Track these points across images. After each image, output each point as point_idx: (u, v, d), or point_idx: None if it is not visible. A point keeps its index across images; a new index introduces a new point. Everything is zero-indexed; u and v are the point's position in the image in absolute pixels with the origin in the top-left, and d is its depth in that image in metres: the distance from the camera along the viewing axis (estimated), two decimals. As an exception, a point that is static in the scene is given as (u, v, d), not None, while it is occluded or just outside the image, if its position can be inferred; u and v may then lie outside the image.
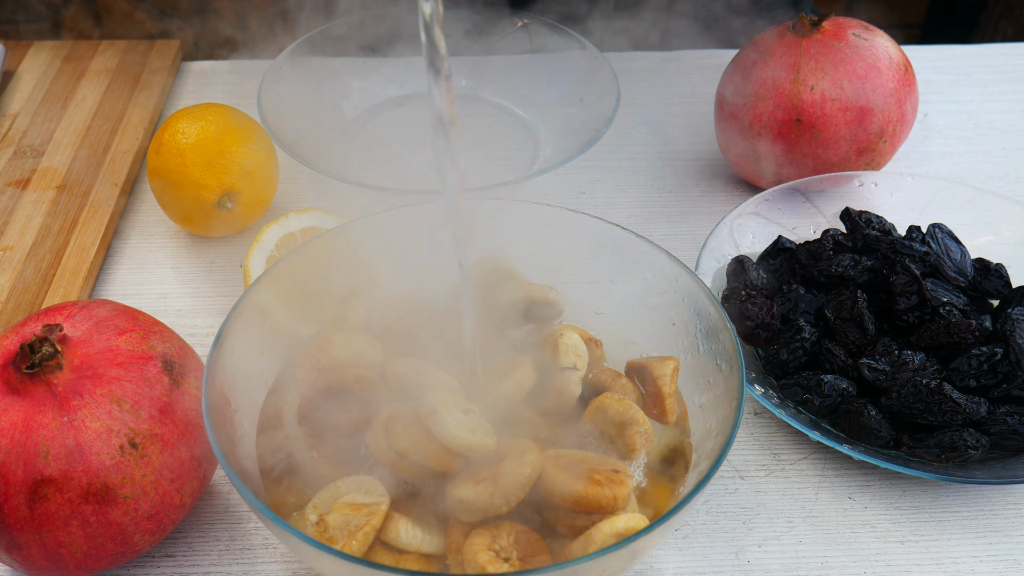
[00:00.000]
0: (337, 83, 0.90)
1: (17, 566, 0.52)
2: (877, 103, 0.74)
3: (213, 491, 0.60)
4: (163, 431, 0.52)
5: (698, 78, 0.97)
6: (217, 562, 0.57)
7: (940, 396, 0.59)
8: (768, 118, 0.76)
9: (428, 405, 0.50)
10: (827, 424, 0.62)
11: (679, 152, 0.88)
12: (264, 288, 0.56)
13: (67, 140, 0.85)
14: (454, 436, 0.49)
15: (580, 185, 0.85)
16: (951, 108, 0.94)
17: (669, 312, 0.58)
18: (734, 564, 0.57)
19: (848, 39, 0.75)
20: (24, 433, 0.49)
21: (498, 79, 0.93)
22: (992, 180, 0.86)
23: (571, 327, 0.58)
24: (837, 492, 0.61)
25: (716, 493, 0.61)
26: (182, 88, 0.95)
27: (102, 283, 0.74)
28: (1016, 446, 0.60)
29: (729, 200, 0.83)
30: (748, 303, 0.65)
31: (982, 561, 0.58)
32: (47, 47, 0.96)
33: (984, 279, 0.68)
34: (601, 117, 0.82)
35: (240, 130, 0.73)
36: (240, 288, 0.73)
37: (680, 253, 0.63)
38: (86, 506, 0.50)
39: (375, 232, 0.60)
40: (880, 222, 0.71)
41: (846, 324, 0.64)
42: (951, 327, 0.62)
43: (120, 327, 0.54)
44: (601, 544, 0.46)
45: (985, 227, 0.73)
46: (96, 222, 0.76)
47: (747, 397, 0.65)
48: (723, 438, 0.49)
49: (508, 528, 0.49)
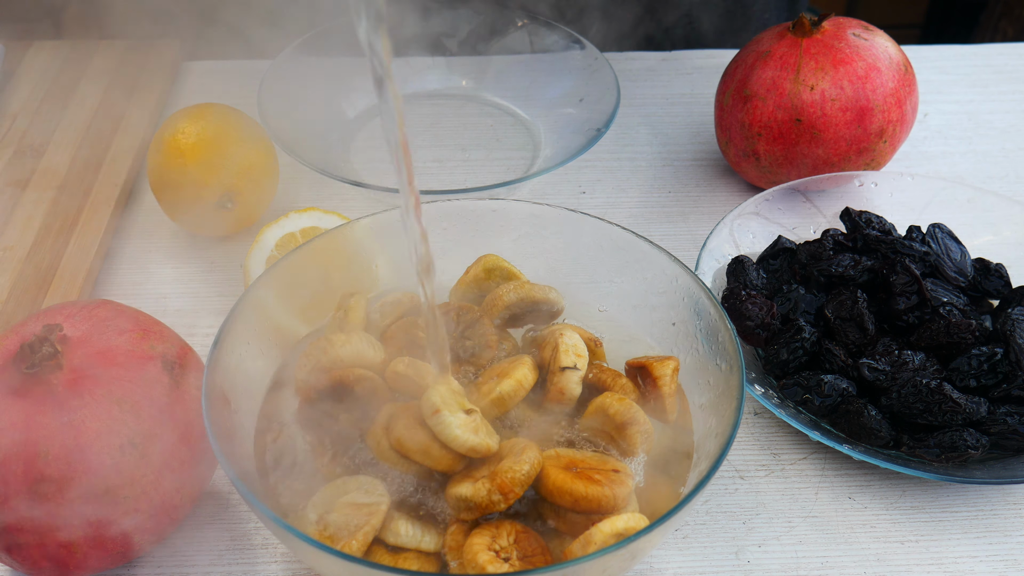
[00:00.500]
0: (337, 83, 0.90)
1: (17, 566, 0.52)
2: (877, 103, 0.74)
3: (213, 491, 0.60)
4: (163, 431, 0.52)
5: (698, 78, 0.97)
6: (217, 562, 0.57)
7: (940, 396, 0.59)
8: (768, 118, 0.76)
9: (430, 405, 0.50)
10: (827, 424, 0.62)
11: (679, 152, 0.88)
12: (264, 288, 0.56)
13: (67, 140, 0.85)
14: (456, 437, 0.49)
15: (580, 185, 0.85)
16: (951, 108, 0.94)
17: (669, 312, 0.58)
18: (734, 564, 0.57)
19: (848, 39, 0.75)
20: (24, 433, 0.49)
21: (498, 79, 0.93)
22: (992, 180, 0.86)
23: (571, 326, 0.58)
24: (837, 492, 0.61)
25: (716, 493, 0.61)
26: (182, 88, 0.95)
27: (102, 283, 0.74)
28: (1016, 446, 0.60)
29: (729, 200, 0.83)
30: (748, 303, 0.65)
31: (982, 561, 0.58)
32: (47, 47, 0.96)
33: (984, 279, 0.68)
34: (601, 117, 0.82)
35: (240, 130, 0.73)
36: (240, 288, 0.73)
37: (680, 253, 0.63)
38: (86, 506, 0.50)
39: (375, 232, 0.60)
40: (880, 222, 0.71)
41: (846, 324, 0.64)
42: (951, 327, 0.62)
43: (120, 327, 0.54)
44: (601, 544, 0.46)
45: (985, 227, 0.73)
46: (96, 222, 0.76)
47: (747, 397, 0.65)
48: (723, 438, 0.49)
49: (508, 528, 0.49)
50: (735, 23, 1.03)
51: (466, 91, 0.93)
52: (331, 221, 0.70)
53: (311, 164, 0.75)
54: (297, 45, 0.87)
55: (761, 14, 1.04)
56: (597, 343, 0.59)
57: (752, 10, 1.03)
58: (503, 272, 0.61)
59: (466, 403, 0.51)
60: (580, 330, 0.58)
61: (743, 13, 1.02)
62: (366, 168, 0.85)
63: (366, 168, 0.85)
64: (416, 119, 0.90)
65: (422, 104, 0.92)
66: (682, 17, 1.01)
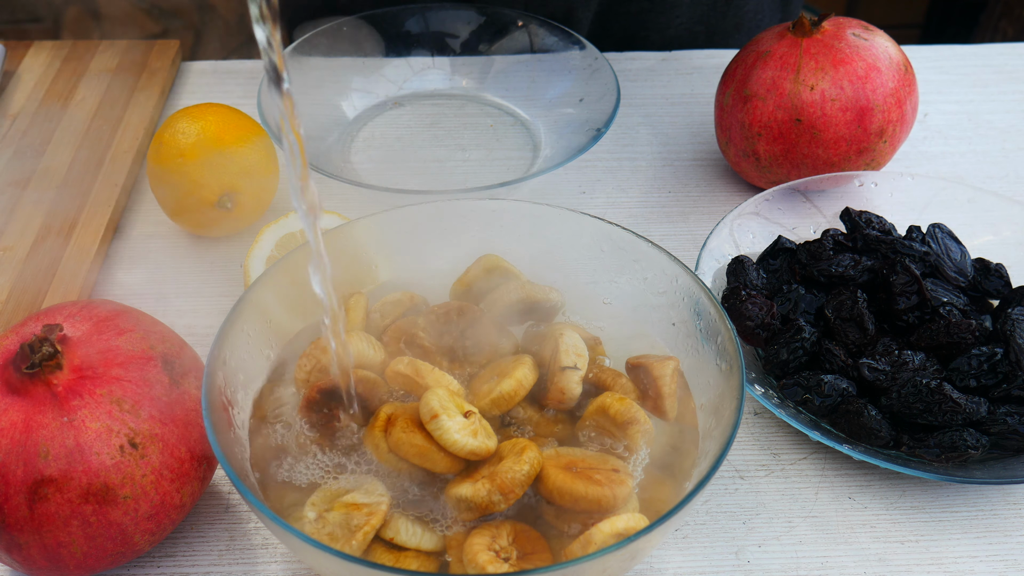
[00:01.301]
0: (337, 83, 0.90)
1: (17, 566, 0.52)
2: (877, 103, 0.74)
3: (213, 491, 0.60)
4: (163, 431, 0.52)
5: (698, 78, 0.97)
6: (217, 562, 0.57)
7: (940, 396, 0.59)
8: (768, 118, 0.76)
9: (428, 410, 0.50)
10: (827, 424, 0.62)
11: (679, 152, 0.88)
12: (264, 288, 0.56)
13: (67, 140, 0.85)
14: (455, 441, 0.49)
15: (580, 185, 0.85)
16: (951, 108, 0.94)
17: (669, 312, 0.58)
18: (734, 564, 0.57)
19: (848, 39, 0.75)
20: (24, 433, 0.49)
21: (498, 79, 0.93)
22: (992, 180, 0.86)
23: (571, 325, 0.58)
24: (837, 492, 0.61)
25: (716, 493, 0.61)
26: (182, 88, 0.95)
27: (102, 283, 0.74)
28: (1016, 446, 0.60)
29: (729, 200, 0.83)
30: (748, 303, 0.65)
31: (982, 561, 0.58)
32: (47, 47, 0.96)
33: (984, 279, 0.68)
34: (601, 117, 0.82)
35: (240, 130, 0.73)
36: (240, 288, 0.73)
37: (680, 253, 0.63)
38: (86, 506, 0.50)
39: (375, 232, 0.60)
40: (880, 222, 0.71)
41: (846, 324, 0.64)
42: (951, 327, 0.62)
43: (120, 327, 0.54)
44: (601, 544, 0.46)
45: (985, 227, 0.73)
46: (96, 222, 0.76)
47: (747, 397, 0.65)
48: (723, 438, 0.49)
49: (508, 527, 0.49)
50: (726, 23, 1.03)
51: (466, 91, 0.93)
52: (331, 221, 0.70)
53: (311, 164, 0.75)
54: (297, 45, 0.87)
55: (754, 15, 1.04)
56: (596, 341, 0.59)
57: (744, 11, 1.03)
58: (503, 272, 0.61)
59: (465, 404, 0.51)
60: (579, 329, 0.58)
61: (735, 14, 1.02)
62: (366, 168, 0.85)
63: (366, 168, 0.85)
64: (416, 119, 0.90)
65: (422, 104, 0.92)
66: (675, 17, 1.01)
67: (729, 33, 1.03)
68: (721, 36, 1.03)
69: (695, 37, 1.02)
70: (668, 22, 1.01)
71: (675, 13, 1.00)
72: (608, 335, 0.60)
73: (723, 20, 1.02)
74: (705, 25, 1.02)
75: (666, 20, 1.01)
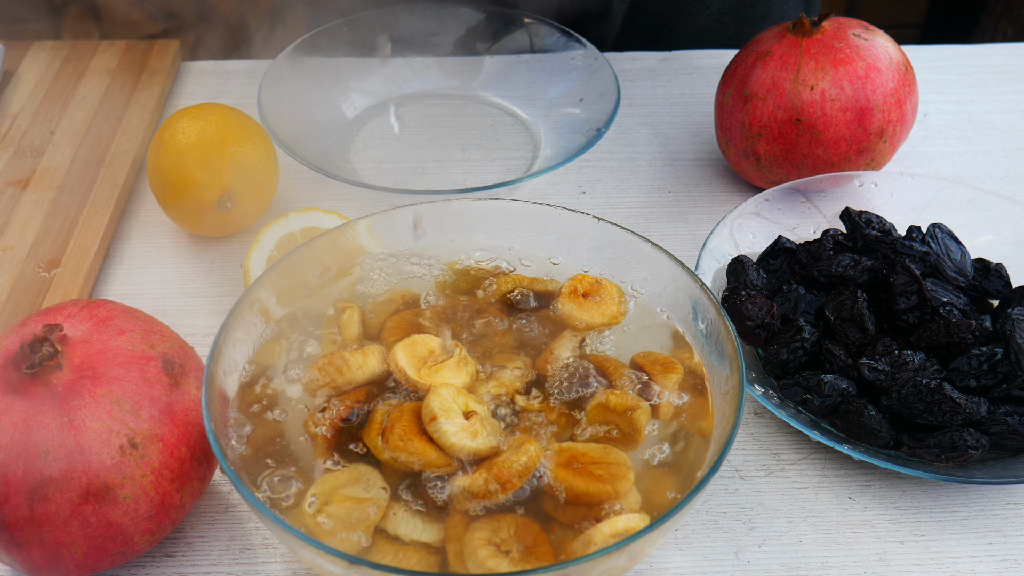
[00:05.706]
0: (337, 83, 0.90)
1: (17, 566, 0.52)
2: (877, 103, 0.74)
3: (213, 491, 0.60)
4: (163, 431, 0.52)
5: (698, 78, 0.97)
6: (217, 562, 0.57)
7: (940, 396, 0.59)
8: (768, 118, 0.76)
9: (428, 412, 0.50)
10: (827, 424, 0.62)
11: (679, 152, 0.88)
12: (264, 288, 0.56)
13: (67, 140, 0.85)
14: (454, 444, 0.49)
15: (580, 185, 0.85)
16: (951, 108, 0.94)
17: (669, 312, 0.58)
18: (734, 564, 0.57)
19: (848, 39, 0.75)
20: (24, 433, 0.49)
21: (498, 79, 0.93)
22: (992, 180, 0.86)
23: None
24: (837, 492, 0.61)
25: (716, 493, 0.61)
26: (182, 88, 0.95)
27: (102, 283, 0.74)
28: (1016, 446, 0.60)
29: (729, 200, 0.83)
30: (748, 303, 0.65)
31: (982, 561, 0.58)
32: (47, 47, 0.96)
33: (984, 279, 0.68)
34: (601, 117, 0.82)
35: (240, 130, 0.73)
36: (240, 288, 0.73)
37: (680, 253, 0.63)
38: (86, 506, 0.50)
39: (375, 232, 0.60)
40: (880, 222, 0.71)
41: (846, 324, 0.64)
42: (951, 327, 0.62)
43: (120, 327, 0.54)
44: (601, 544, 0.46)
45: (985, 227, 0.73)
46: (96, 222, 0.76)
47: (747, 397, 0.65)
48: (723, 438, 0.49)
49: (509, 521, 0.49)
50: (755, 14, 1.04)
51: (466, 91, 0.93)
52: (331, 221, 0.70)
53: (311, 164, 0.75)
54: (297, 45, 0.87)
55: (781, 5, 1.04)
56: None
57: (772, 1, 1.03)
58: (503, 272, 0.61)
59: (468, 403, 0.51)
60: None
61: (764, 4, 1.03)
62: (366, 168, 0.85)
63: (366, 168, 0.85)
64: (416, 119, 0.90)
65: (422, 104, 0.92)
66: (706, 17, 1.02)
67: (758, 24, 1.03)
68: (750, 27, 1.03)
69: (724, 28, 1.03)
70: (698, 12, 1.01)
71: (706, 3, 1.01)
72: (608, 335, 0.60)
73: (751, 10, 1.03)
74: (734, 16, 1.02)
75: (695, 10, 1.01)
